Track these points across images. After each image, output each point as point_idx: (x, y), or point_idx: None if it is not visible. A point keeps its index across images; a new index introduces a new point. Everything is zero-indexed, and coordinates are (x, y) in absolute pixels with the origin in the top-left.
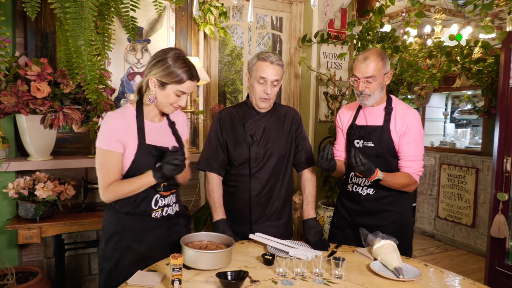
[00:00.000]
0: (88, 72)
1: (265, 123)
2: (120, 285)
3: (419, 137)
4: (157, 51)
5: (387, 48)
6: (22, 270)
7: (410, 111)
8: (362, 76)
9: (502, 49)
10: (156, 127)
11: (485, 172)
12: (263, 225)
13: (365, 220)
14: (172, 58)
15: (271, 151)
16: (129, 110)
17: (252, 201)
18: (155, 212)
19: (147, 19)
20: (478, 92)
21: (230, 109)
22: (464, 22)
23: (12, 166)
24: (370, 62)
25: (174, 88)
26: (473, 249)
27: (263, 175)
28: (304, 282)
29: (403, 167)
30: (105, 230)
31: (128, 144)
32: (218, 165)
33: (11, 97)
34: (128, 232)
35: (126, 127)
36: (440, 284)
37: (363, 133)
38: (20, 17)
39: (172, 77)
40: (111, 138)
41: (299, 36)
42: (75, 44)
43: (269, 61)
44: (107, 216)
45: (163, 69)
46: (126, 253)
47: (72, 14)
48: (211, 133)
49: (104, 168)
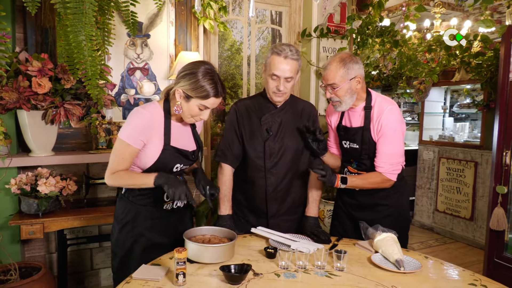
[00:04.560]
0: (89, 67)
1: (281, 117)
2: (125, 279)
3: (393, 135)
4: (189, 62)
5: (386, 42)
6: (25, 265)
7: (387, 107)
8: (326, 83)
9: (502, 43)
10: (180, 128)
11: (484, 166)
12: (279, 219)
13: (361, 214)
14: (201, 73)
15: (286, 146)
16: (157, 108)
17: (268, 196)
18: (166, 204)
19: (146, 13)
20: (477, 86)
21: (247, 101)
22: (463, 16)
23: (14, 162)
24: (330, 71)
25: (198, 102)
26: (472, 241)
27: (280, 171)
28: (307, 275)
29: (376, 166)
30: (118, 219)
31: (152, 141)
32: (233, 156)
33: (13, 93)
34: (140, 221)
35: (151, 125)
36: (440, 276)
37: (348, 135)
38: (20, 12)
39: (197, 92)
40: (134, 134)
41: (298, 31)
42: (76, 39)
43: (283, 55)
44: (120, 205)
45: (190, 83)
46: (138, 240)
47: (73, 9)
48: (227, 124)
49: (118, 157)
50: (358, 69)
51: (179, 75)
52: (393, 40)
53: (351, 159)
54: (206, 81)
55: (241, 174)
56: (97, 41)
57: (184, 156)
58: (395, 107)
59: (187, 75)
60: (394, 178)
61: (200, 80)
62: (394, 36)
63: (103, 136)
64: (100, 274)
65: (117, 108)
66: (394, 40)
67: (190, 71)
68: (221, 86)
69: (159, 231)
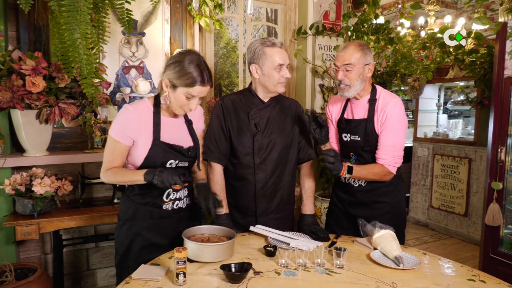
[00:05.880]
0: (85, 66)
1: (268, 113)
2: (125, 279)
3: (397, 127)
4: (177, 52)
5: (381, 40)
6: (21, 266)
7: (391, 100)
8: (341, 64)
9: (496, 40)
10: (172, 122)
11: (478, 162)
12: (268, 217)
13: (358, 211)
14: (187, 61)
15: (274, 141)
16: (146, 104)
17: (258, 193)
18: (166, 204)
19: (141, 11)
20: (470, 83)
21: (233, 96)
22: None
23: (8, 162)
24: (348, 50)
25: (185, 90)
26: (466, 237)
27: (268, 166)
28: (307, 273)
29: (378, 158)
30: (120, 217)
31: (140, 139)
32: (221, 154)
33: (6, 92)
34: (139, 220)
35: (138, 122)
36: (439, 272)
37: (350, 127)
38: (12, 10)
39: (183, 79)
40: (121, 131)
41: (294, 28)
42: (71, 37)
43: (278, 45)
44: (122, 204)
45: (175, 71)
46: (136, 239)
47: (67, 6)
48: (213, 121)
49: (110, 154)
50: (371, 58)
51: (166, 65)
52: (388, 37)
53: (350, 152)
54: (192, 68)
55: (228, 172)
56: (92, 39)
57: (178, 152)
58: (400, 101)
59: (173, 64)
60: (394, 171)
61: (186, 67)
62: (389, 34)
63: (99, 135)
64: (96, 275)
65: (112, 107)
66: (389, 37)
67: (176, 59)
68: (207, 74)
69: (157, 231)
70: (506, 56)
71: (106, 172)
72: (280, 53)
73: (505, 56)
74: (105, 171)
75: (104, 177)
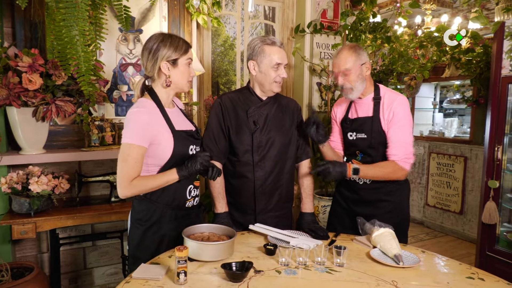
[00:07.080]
0: (83, 63)
1: (267, 110)
2: (125, 278)
3: (405, 123)
4: (144, 44)
5: (379, 38)
6: (17, 265)
7: (397, 97)
8: (338, 70)
9: (494, 39)
10: (172, 112)
11: (473, 160)
12: (267, 215)
13: (362, 209)
14: (166, 36)
15: (273, 139)
16: (149, 102)
17: (257, 190)
18: (189, 201)
19: (138, 8)
20: (466, 82)
21: (231, 94)
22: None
23: (4, 160)
24: (342, 56)
25: (185, 58)
26: (461, 235)
27: (267, 164)
28: (307, 271)
29: (389, 155)
30: (141, 221)
31: (161, 135)
32: (220, 152)
33: (2, 89)
34: (166, 221)
35: (154, 120)
36: (438, 270)
37: (355, 126)
38: (8, 6)
39: (179, 50)
40: (143, 134)
41: (291, 26)
42: (68, 34)
43: (277, 44)
44: (141, 207)
45: (170, 47)
46: (163, 241)
47: (65, 3)
48: (212, 119)
49: (130, 162)
50: (366, 56)
51: (150, 55)
52: (385, 36)
53: (357, 150)
54: (175, 38)
55: (226, 170)
56: (90, 36)
57: (192, 136)
58: (406, 98)
59: (162, 43)
60: (408, 167)
61: (174, 39)
62: (386, 32)
63: (96, 133)
64: (93, 273)
65: (110, 104)
66: (386, 36)
67: (159, 39)
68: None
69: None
70: (503, 55)
71: (131, 184)
72: (279, 52)
73: (503, 56)
74: (129, 183)
75: (127, 190)
